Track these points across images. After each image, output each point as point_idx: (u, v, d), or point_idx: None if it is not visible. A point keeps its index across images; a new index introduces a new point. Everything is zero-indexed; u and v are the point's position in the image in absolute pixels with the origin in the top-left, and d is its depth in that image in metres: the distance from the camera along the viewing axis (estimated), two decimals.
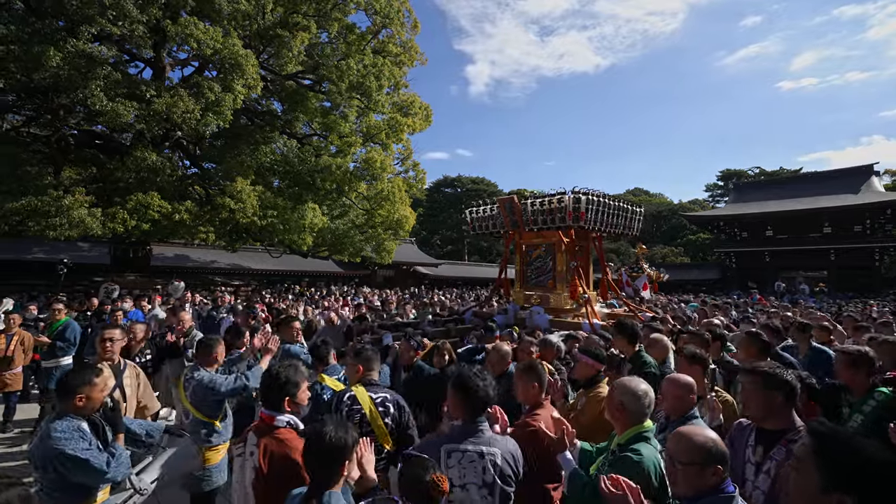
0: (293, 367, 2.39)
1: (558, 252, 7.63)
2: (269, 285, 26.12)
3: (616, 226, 7.52)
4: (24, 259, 18.82)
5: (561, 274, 7.56)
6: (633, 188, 70.51)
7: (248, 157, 16.28)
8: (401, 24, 19.77)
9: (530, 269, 8.31)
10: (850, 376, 3.08)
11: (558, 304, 7.50)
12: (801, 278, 31.50)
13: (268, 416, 2.27)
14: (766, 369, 2.19)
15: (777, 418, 2.13)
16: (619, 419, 2.26)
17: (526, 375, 2.84)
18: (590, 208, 6.82)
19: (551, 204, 7.01)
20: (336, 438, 1.80)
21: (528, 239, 8.31)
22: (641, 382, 2.31)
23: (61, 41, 11.66)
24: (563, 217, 6.88)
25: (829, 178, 37.90)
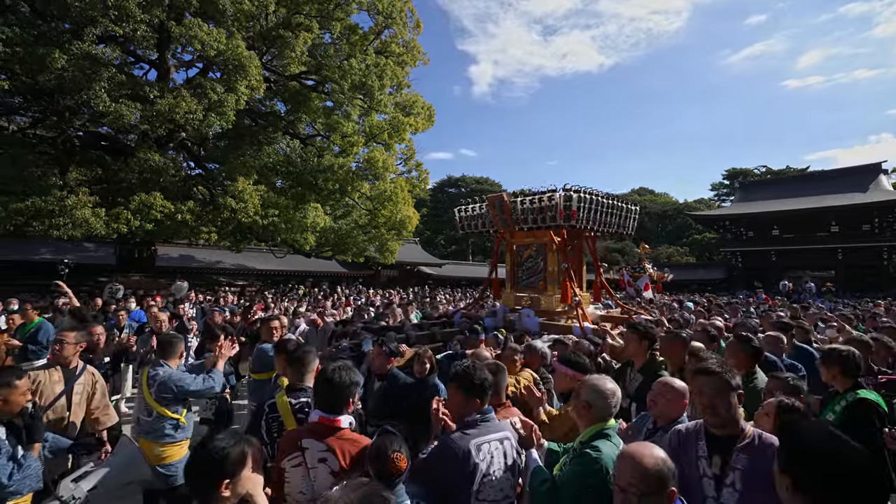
0: (347, 369, 2.33)
1: (549, 252, 7.33)
2: (273, 286, 26.25)
3: (610, 225, 7.24)
4: (32, 259, 19.01)
5: (552, 275, 7.26)
6: (638, 187, 70.27)
7: (250, 158, 16.37)
8: (403, 23, 19.80)
9: (521, 270, 8.01)
10: (828, 375, 3.08)
11: (549, 306, 7.20)
12: (807, 277, 31.18)
13: (329, 419, 2.22)
14: (721, 370, 2.05)
15: (734, 424, 2.00)
16: (584, 417, 2.22)
17: None
18: (582, 206, 6.55)
19: (542, 202, 6.73)
20: (216, 452, 1.59)
21: (518, 238, 8.01)
22: (609, 381, 2.29)
23: (66, 43, 11.79)
24: (553, 216, 6.61)
25: (836, 177, 37.55)
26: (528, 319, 6.92)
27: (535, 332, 6.39)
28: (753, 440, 1.93)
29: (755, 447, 1.91)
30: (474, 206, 8.39)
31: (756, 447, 1.91)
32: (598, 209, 6.82)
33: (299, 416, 2.55)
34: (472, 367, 2.36)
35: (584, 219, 6.62)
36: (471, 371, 2.32)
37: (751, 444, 1.93)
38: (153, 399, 3.40)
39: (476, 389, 2.27)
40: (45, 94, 13.66)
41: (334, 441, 2.13)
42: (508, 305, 7.72)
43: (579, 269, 7.84)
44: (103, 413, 3.64)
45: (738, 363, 3.21)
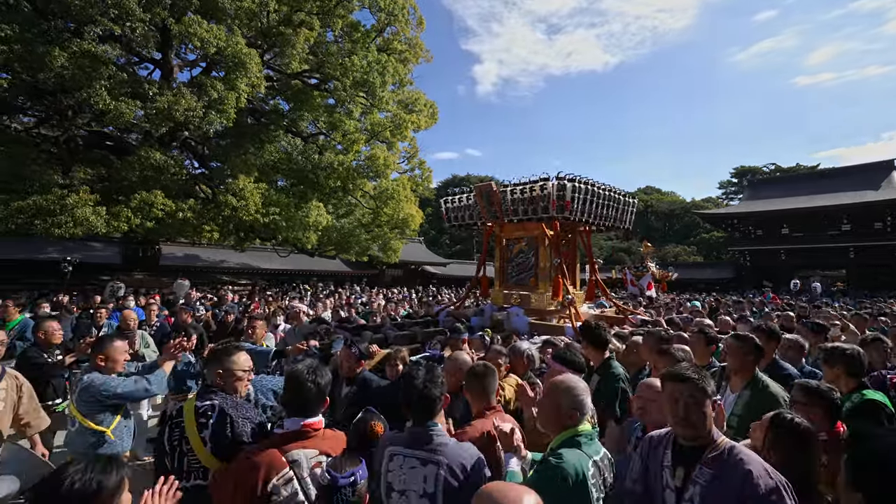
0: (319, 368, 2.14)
1: (541, 247, 6.76)
2: (277, 285, 26.26)
3: (606, 217, 6.70)
4: (37, 258, 19.14)
5: (544, 271, 6.73)
6: (645, 186, 69.66)
7: (252, 156, 16.34)
8: (405, 20, 19.69)
9: (511, 266, 7.42)
10: (831, 376, 2.89)
11: (540, 304, 6.65)
12: (817, 277, 30.65)
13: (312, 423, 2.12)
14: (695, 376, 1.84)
15: (705, 434, 1.82)
16: (554, 422, 2.01)
17: (467, 383, 2.63)
18: (576, 197, 5.99)
19: (533, 192, 6.14)
20: (81, 482, 1.33)
21: (508, 232, 7.42)
22: (580, 380, 2.11)
23: (66, 42, 11.79)
24: (546, 206, 6.04)
25: (848, 175, 36.89)
26: (516, 319, 6.47)
27: (523, 333, 5.98)
28: (723, 453, 1.75)
29: (723, 461, 1.73)
30: (461, 196, 7.79)
31: (725, 461, 1.73)
32: (594, 200, 6.33)
33: (200, 421, 2.21)
34: (410, 372, 2.20)
35: (578, 210, 6.14)
36: (408, 376, 2.20)
37: (719, 457, 1.75)
38: (74, 407, 3.02)
39: (412, 395, 2.10)
40: (47, 94, 13.71)
41: (322, 443, 2.04)
42: (497, 304, 7.21)
43: (573, 266, 7.43)
44: (34, 417, 3.34)
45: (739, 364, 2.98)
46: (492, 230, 7.73)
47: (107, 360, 3.17)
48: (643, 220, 61.96)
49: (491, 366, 2.71)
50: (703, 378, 1.85)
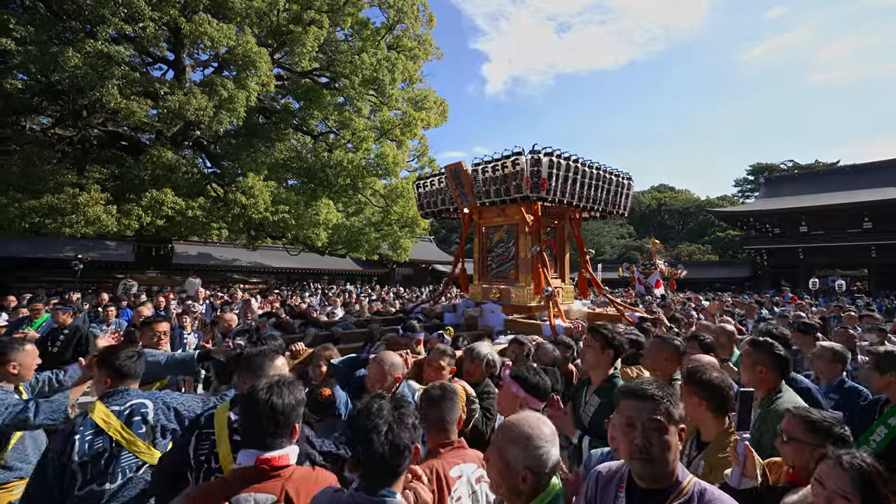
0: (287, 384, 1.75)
1: (522, 235, 5.94)
2: (288, 283, 26.44)
3: (596, 200, 5.82)
4: (54, 256, 19.50)
5: (525, 262, 5.94)
6: (658, 184, 68.70)
7: (262, 154, 16.41)
8: (415, 17, 19.63)
9: (491, 258, 6.62)
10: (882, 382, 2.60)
11: (521, 299, 5.87)
12: (838, 276, 29.85)
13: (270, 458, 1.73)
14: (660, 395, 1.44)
15: (667, 474, 1.42)
16: (505, 486, 1.46)
17: (421, 410, 2.02)
18: (554, 174, 5.11)
19: (505, 168, 5.26)
20: None
21: (487, 219, 6.59)
22: (543, 423, 1.51)
23: (80, 42, 11.94)
24: (519, 185, 5.18)
25: (869, 171, 35.80)
26: (491, 316, 5.79)
27: (496, 332, 5.38)
28: (692, 499, 1.38)
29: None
30: (432, 179, 6.89)
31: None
32: (577, 179, 5.43)
33: (235, 439, 1.91)
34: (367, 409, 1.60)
35: (557, 190, 5.23)
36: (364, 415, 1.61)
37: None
38: None
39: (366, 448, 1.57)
40: (62, 94, 13.92)
41: (284, 484, 1.56)
42: (476, 299, 6.41)
43: (561, 257, 6.61)
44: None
45: (757, 378, 2.46)
46: (469, 217, 6.84)
47: (20, 367, 2.79)
48: (657, 218, 61.14)
49: (451, 388, 2.14)
50: (670, 397, 1.44)
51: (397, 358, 2.74)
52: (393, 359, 2.71)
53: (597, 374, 2.71)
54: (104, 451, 2.07)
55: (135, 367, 2.36)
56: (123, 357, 2.33)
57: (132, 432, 2.13)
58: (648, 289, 17.83)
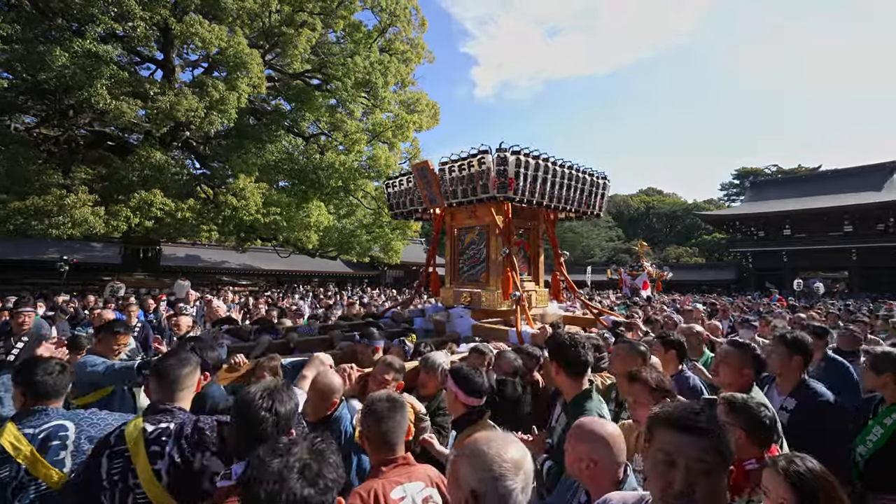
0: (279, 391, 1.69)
1: (493, 236, 5.72)
2: (278, 285, 26.24)
3: (568, 200, 5.63)
4: (39, 258, 19.12)
5: (496, 265, 5.71)
6: (646, 188, 69.51)
7: (253, 156, 16.31)
8: (408, 21, 19.68)
9: (462, 260, 6.39)
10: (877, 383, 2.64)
11: (491, 303, 5.64)
12: (818, 278, 30.55)
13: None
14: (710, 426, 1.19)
15: None
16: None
17: (362, 424, 1.89)
18: (522, 173, 4.95)
19: (471, 167, 5.08)
20: None
21: (459, 220, 6.35)
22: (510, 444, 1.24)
23: (67, 41, 11.78)
24: (485, 185, 5.01)
25: (850, 176, 36.74)
26: (459, 321, 5.50)
27: (463, 337, 5.14)
28: None
29: None
30: (401, 178, 6.68)
31: None
32: (547, 178, 5.25)
33: (153, 449, 1.71)
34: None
35: (526, 190, 5.06)
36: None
37: None
38: None
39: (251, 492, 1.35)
40: (48, 93, 13.69)
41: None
42: (448, 303, 6.15)
43: (535, 259, 6.39)
44: None
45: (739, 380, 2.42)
46: (441, 218, 6.62)
47: None
48: (645, 220, 61.91)
49: (399, 399, 1.98)
50: (722, 430, 1.19)
51: (335, 379, 2.41)
52: (329, 381, 2.37)
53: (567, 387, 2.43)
54: (10, 480, 1.81)
55: (55, 383, 2.04)
56: (41, 372, 2.03)
57: (45, 460, 1.86)
58: (636, 290, 18.08)
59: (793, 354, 2.65)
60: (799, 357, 2.65)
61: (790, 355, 2.65)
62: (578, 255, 51.69)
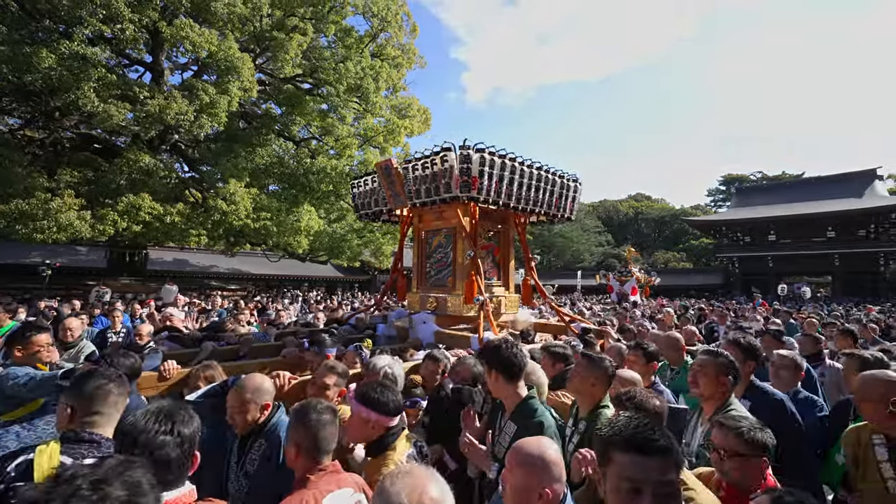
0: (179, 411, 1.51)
1: (459, 238, 5.49)
2: (267, 290, 26.01)
3: (537, 202, 5.42)
4: (21, 262, 18.75)
5: (463, 269, 5.46)
6: (635, 193, 70.30)
7: (243, 160, 16.22)
8: (399, 27, 19.78)
9: (429, 263, 6.14)
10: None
11: (457, 308, 5.40)
12: (804, 283, 31.16)
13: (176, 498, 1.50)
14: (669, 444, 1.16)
15: None
16: None
17: (292, 429, 1.82)
18: (487, 172, 4.73)
19: (434, 166, 4.87)
20: None
21: (427, 222, 6.13)
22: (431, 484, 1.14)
23: (54, 43, 11.64)
24: (448, 184, 4.78)
25: (832, 183, 37.61)
26: (422, 327, 5.29)
27: (428, 344, 4.93)
28: None
29: None
30: (366, 178, 6.39)
31: None
32: (514, 178, 5.06)
33: None
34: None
35: (492, 190, 4.84)
36: None
37: None
38: None
39: None
40: (34, 95, 13.50)
41: None
42: (414, 308, 5.95)
43: (505, 264, 6.17)
44: None
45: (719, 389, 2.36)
46: (408, 219, 6.40)
47: None
48: (634, 226, 62.58)
49: (329, 406, 1.88)
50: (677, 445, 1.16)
51: (265, 382, 2.24)
52: (257, 383, 2.19)
53: (508, 398, 2.32)
54: None
55: None
56: None
57: None
58: (624, 296, 18.24)
59: (746, 359, 2.75)
60: (751, 362, 2.79)
61: (744, 360, 2.73)
62: (568, 260, 52.02)
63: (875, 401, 2.10)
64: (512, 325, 5.72)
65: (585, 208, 62.98)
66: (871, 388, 2.13)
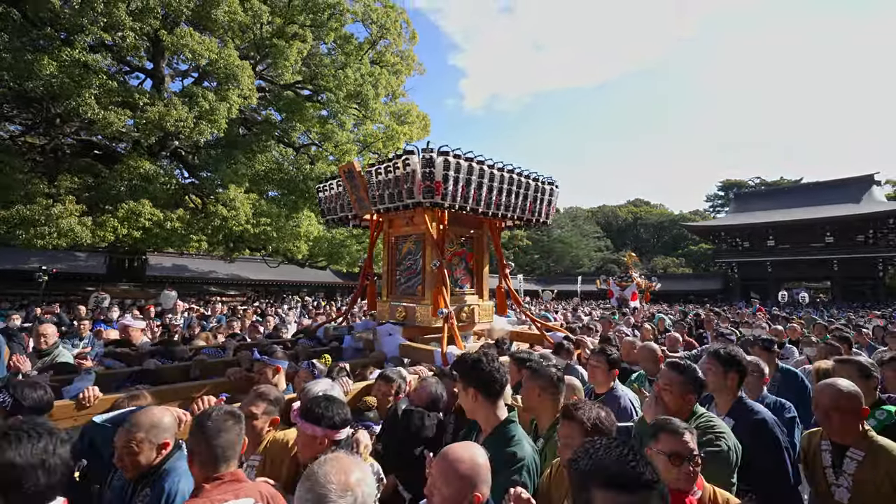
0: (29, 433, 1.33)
1: (428, 245, 5.22)
2: (266, 296, 26.00)
3: (509, 207, 5.17)
4: (20, 268, 18.75)
5: (433, 277, 5.19)
6: (634, 199, 70.52)
7: (243, 166, 16.29)
8: (398, 34, 19.92)
9: (399, 271, 5.86)
10: None
11: (426, 319, 5.06)
12: (803, 288, 31.18)
13: None
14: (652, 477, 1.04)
15: None
16: None
17: (194, 435, 1.72)
18: (452, 176, 4.47)
19: (396, 169, 4.62)
20: None
21: (397, 227, 5.83)
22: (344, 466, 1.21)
23: (56, 50, 11.73)
24: (411, 188, 4.53)
25: (830, 188, 37.77)
26: (387, 339, 4.94)
27: (391, 357, 4.66)
28: None
29: None
30: (332, 182, 6.10)
31: None
32: (482, 182, 4.79)
33: None
34: None
35: (458, 195, 4.57)
36: None
37: None
38: None
39: None
40: (35, 102, 13.58)
41: None
42: (383, 318, 5.65)
43: (479, 271, 5.87)
44: None
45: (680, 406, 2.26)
46: (379, 224, 6.11)
47: None
48: (633, 231, 62.70)
49: (230, 412, 1.79)
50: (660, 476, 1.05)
51: (165, 416, 1.92)
52: (154, 418, 1.88)
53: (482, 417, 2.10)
54: None
55: None
56: None
57: None
58: (624, 301, 18.24)
59: (728, 372, 2.54)
60: (734, 374, 2.54)
61: (725, 373, 2.53)
62: (567, 266, 52.07)
63: (823, 408, 2.15)
64: (488, 333, 5.54)
65: (584, 213, 63.14)
66: (821, 395, 2.19)
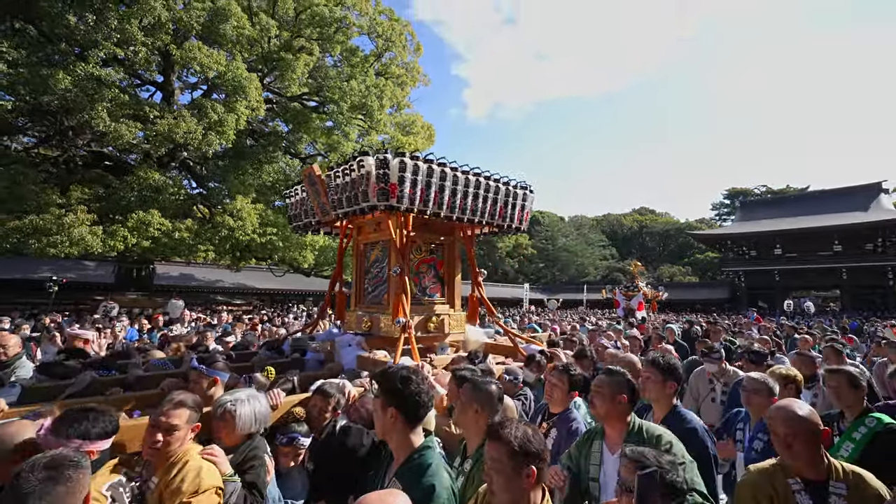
0: None
1: (393, 252, 5.01)
2: (272, 305, 26.14)
3: (476, 211, 4.92)
4: (31, 278, 19.03)
5: (398, 285, 4.92)
6: (639, 207, 70.46)
7: (250, 177, 16.54)
8: (403, 46, 20.25)
9: (367, 279, 5.63)
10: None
11: (390, 329, 4.82)
12: (810, 297, 30.88)
13: None
14: None
15: None
16: None
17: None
18: (409, 178, 4.29)
19: (352, 172, 4.45)
20: None
21: (366, 234, 5.66)
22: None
23: (70, 65, 12.07)
24: (366, 191, 4.34)
25: (837, 196, 37.54)
26: (346, 350, 4.69)
27: (348, 370, 4.40)
28: None
29: None
30: (297, 187, 5.92)
31: None
32: (444, 185, 4.58)
33: None
34: None
35: (416, 198, 4.36)
36: None
37: None
38: None
39: None
40: (49, 114, 13.92)
41: None
42: (351, 328, 5.41)
43: (450, 279, 5.66)
44: None
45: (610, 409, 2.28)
46: (344, 229, 5.92)
47: None
48: (638, 240, 62.49)
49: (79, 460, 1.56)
50: None
51: (23, 430, 1.72)
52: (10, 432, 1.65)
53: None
54: None
55: None
56: None
57: None
58: (631, 311, 18.16)
59: (666, 380, 2.56)
60: (673, 382, 2.57)
61: (664, 381, 2.57)
62: (573, 275, 51.93)
63: (783, 437, 1.92)
64: (462, 345, 5.34)
65: (589, 222, 63.10)
66: (776, 423, 1.97)
